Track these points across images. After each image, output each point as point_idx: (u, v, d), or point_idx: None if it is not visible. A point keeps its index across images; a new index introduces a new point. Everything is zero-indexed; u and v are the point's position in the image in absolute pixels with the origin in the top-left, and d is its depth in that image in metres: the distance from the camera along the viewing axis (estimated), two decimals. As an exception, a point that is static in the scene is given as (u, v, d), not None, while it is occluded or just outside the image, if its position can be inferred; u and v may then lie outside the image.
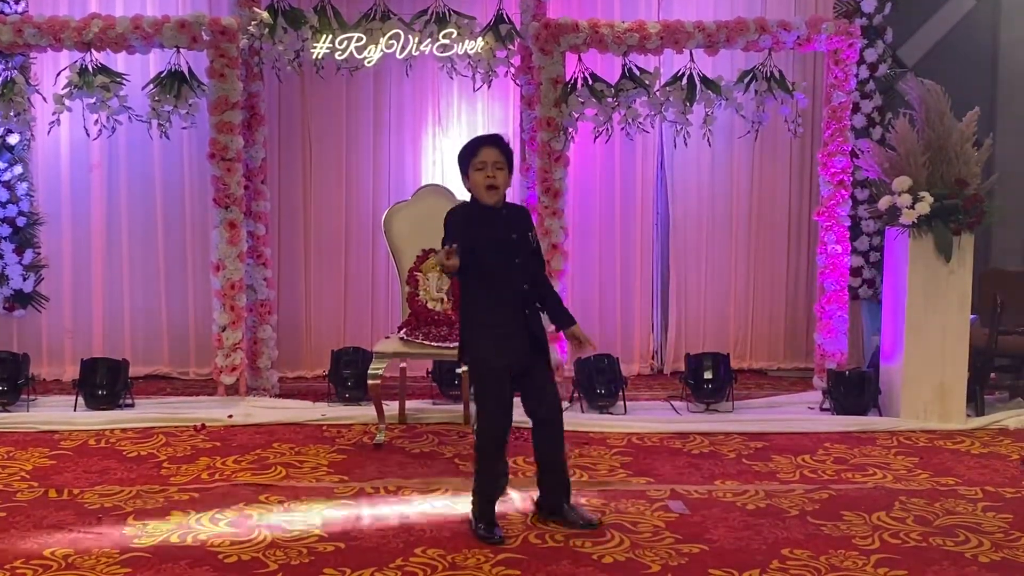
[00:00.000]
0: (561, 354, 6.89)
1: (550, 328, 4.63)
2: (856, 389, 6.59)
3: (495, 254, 4.37)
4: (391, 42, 6.79)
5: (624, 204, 7.89)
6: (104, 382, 6.58)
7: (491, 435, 4.40)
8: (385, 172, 7.84)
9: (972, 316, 6.42)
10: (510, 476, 4.68)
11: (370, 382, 5.84)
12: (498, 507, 4.64)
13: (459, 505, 4.74)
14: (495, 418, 4.38)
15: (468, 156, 4.41)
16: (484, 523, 4.38)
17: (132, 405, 6.63)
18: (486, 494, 4.43)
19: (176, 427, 6.18)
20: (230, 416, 6.36)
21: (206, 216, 7.34)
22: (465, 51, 6.79)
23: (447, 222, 4.43)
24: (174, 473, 5.28)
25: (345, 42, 6.79)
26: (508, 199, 7.97)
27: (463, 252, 4.18)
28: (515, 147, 7.49)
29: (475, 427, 4.52)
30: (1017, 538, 4.40)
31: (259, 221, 7.13)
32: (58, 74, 6.82)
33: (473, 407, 6.05)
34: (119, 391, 6.61)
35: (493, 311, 4.38)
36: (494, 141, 4.46)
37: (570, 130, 6.87)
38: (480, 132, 7.71)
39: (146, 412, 6.47)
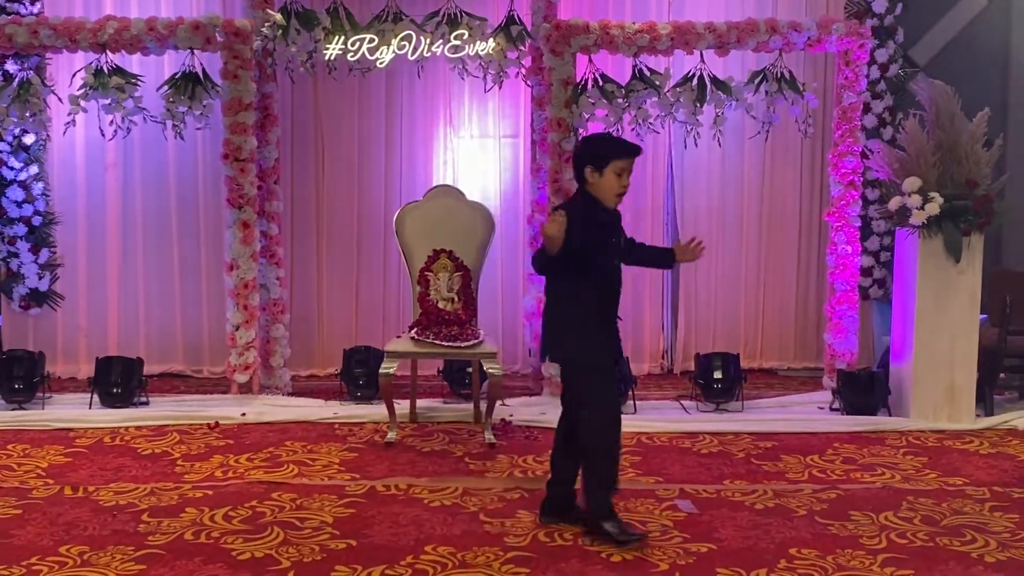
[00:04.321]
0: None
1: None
2: (866, 389, 6.60)
3: (605, 256, 4.37)
4: (403, 43, 6.83)
5: (635, 204, 7.89)
6: (119, 380, 6.64)
7: (611, 431, 4.33)
8: (397, 173, 7.88)
9: (982, 316, 6.43)
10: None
11: (381, 381, 5.87)
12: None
13: (470, 503, 4.80)
14: (615, 414, 4.35)
15: (612, 154, 4.29)
16: (617, 526, 4.29)
17: (147, 403, 6.69)
18: (607, 489, 4.35)
19: (190, 425, 6.24)
20: (243, 414, 6.42)
21: (220, 216, 7.39)
22: (476, 52, 6.83)
23: (574, 214, 4.24)
24: (188, 471, 5.33)
25: (357, 43, 6.83)
26: (518, 200, 8.07)
27: (569, 243, 4.17)
28: (526, 147, 7.61)
29: (587, 431, 4.34)
30: (1024, 538, 4.43)
31: (272, 221, 7.18)
32: (73, 75, 6.87)
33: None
34: (134, 389, 6.67)
35: (600, 311, 4.35)
36: (638, 152, 4.37)
37: (580, 131, 6.90)
38: (491, 132, 7.86)
39: (160, 410, 6.53)
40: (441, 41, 6.82)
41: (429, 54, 6.88)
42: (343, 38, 6.82)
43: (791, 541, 4.36)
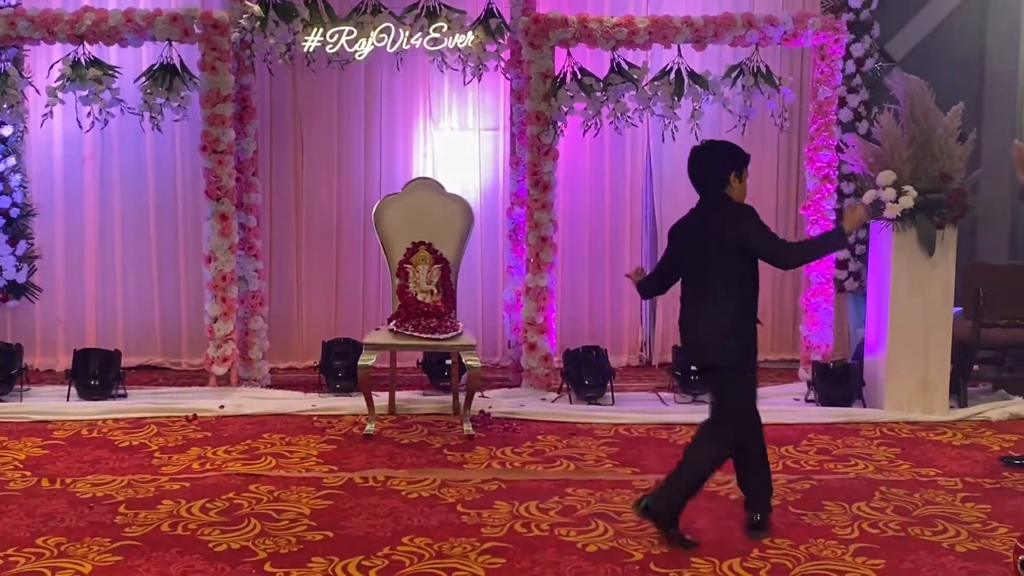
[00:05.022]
0: (551, 346, 6.95)
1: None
2: (840, 381, 6.67)
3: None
4: (382, 35, 6.81)
5: (613, 197, 7.95)
6: (97, 372, 6.63)
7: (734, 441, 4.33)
8: (376, 165, 7.89)
9: (956, 309, 6.50)
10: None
11: (360, 373, 5.89)
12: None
13: (448, 494, 4.82)
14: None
15: (746, 161, 4.49)
16: (680, 536, 4.25)
17: (124, 395, 6.68)
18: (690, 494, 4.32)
19: (168, 417, 6.24)
20: (221, 406, 6.42)
21: (198, 208, 7.37)
22: (455, 45, 6.82)
23: (757, 216, 4.40)
24: (165, 463, 5.34)
25: (336, 35, 6.82)
26: (497, 193, 8.09)
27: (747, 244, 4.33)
28: (505, 141, 7.62)
29: (721, 431, 4.37)
30: (994, 528, 4.48)
31: (250, 213, 7.17)
32: (51, 67, 6.85)
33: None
34: (111, 381, 6.66)
35: (753, 313, 4.36)
36: None
37: (559, 124, 6.92)
38: (470, 125, 7.87)
39: (138, 402, 6.53)
40: (420, 34, 6.82)
41: (408, 47, 6.87)
42: (322, 30, 6.81)
43: (765, 531, 4.41)
